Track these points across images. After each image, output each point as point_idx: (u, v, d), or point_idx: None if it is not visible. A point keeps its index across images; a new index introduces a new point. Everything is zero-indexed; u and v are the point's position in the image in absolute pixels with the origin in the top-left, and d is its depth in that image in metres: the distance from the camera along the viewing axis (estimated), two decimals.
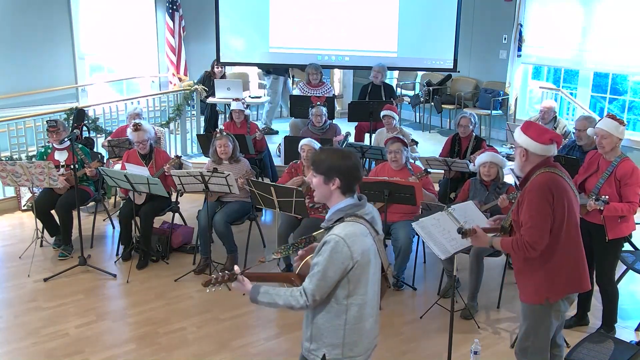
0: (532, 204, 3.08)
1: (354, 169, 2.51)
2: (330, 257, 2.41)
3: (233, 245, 5.50)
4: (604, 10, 8.13)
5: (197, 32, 10.33)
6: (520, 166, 3.21)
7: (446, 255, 3.74)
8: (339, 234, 2.43)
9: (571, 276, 3.19)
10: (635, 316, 4.80)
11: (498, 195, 4.90)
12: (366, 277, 2.51)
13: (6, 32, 8.78)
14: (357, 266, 2.45)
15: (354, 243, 2.43)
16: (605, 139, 4.11)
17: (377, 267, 2.62)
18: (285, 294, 2.51)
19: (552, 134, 3.15)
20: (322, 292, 2.46)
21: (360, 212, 2.52)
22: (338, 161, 2.49)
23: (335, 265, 2.42)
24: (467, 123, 6.31)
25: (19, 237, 6.28)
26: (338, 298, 2.49)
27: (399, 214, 5.16)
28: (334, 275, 2.43)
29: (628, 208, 4.09)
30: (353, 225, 2.47)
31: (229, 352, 4.30)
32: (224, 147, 5.59)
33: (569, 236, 3.14)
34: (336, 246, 2.41)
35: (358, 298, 2.50)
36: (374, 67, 8.09)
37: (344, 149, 2.58)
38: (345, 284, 2.47)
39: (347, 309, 2.50)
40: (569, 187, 3.15)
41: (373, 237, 2.55)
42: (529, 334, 3.30)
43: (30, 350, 4.30)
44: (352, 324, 2.52)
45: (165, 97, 8.36)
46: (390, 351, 4.34)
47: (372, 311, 2.60)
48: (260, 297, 2.54)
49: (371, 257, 2.51)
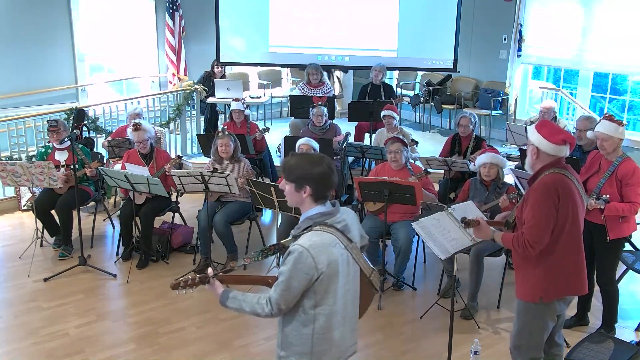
0: (536, 203, 3.09)
1: (326, 176, 2.43)
2: (293, 267, 2.36)
3: (233, 245, 5.50)
4: (604, 10, 8.13)
5: (197, 32, 10.32)
6: (531, 164, 3.21)
7: (446, 255, 3.74)
8: (304, 244, 2.37)
9: (569, 279, 3.19)
10: (635, 316, 4.80)
11: (498, 195, 4.90)
12: (334, 287, 2.44)
13: (6, 32, 8.77)
14: (323, 277, 2.39)
15: (318, 254, 2.37)
16: (606, 141, 4.11)
17: (352, 277, 2.55)
18: (252, 301, 2.49)
19: (565, 135, 3.14)
20: (286, 301, 2.42)
21: (331, 221, 2.45)
22: (309, 168, 2.43)
23: (299, 276, 2.36)
24: (467, 123, 6.31)
25: (19, 237, 6.28)
26: (305, 308, 2.44)
27: (399, 214, 5.16)
28: (298, 286, 2.38)
29: (629, 208, 4.09)
30: (320, 235, 2.41)
31: (229, 352, 4.30)
32: (225, 146, 5.59)
33: (570, 239, 3.14)
34: (300, 257, 2.35)
35: (326, 308, 2.45)
36: (374, 67, 8.09)
37: (315, 155, 2.51)
38: (311, 294, 2.42)
39: (315, 319, 2.45)
40: (576, 190, 3.15)
41: (345, 246, 2.47)
42: (522, 331, 3.32)
43: (30, 350, 4.30)
44: (320, 333, 2.47)
45: (165, 97, 8.37)
46: (390, 351, 4.34)
47: (342, 320, 2.53)
48: (229, 302, 2.54)
49: (340, 267, 2.44)
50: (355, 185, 5.19)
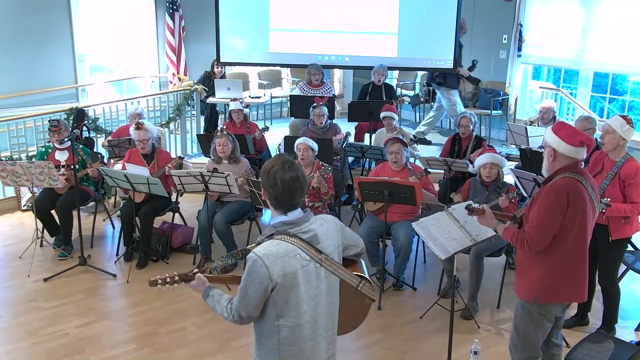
0: (544, 205, 3.07)
1: (287, 185, 2.32)
2: (249, 275, 2.31)
3: (233, 245, 5.50)
4: (604, 11, 8.13)
5: (197, 32, 10.32)
6: (548, 167, 3.17)
7: (446, 255, 3.75)
8: (258, 252, 2.29)
9: (567, 284, 3.17)
10: (635, 316, 4.80)
11: (498, 195, 4.90)
12: (295, 300, 2.33)
13: (6, 32, 8.77)
14: (280, 287, 2.30)
15: (273, 264, 2.27)
16: (608, 134, 4.09)
17: (324, 289, 2.42)
18: (223, 304, 2.47)
19: (583, 137, 3.09)
20: (246, 309, 2.36)
21: (294, 231, 2.34)
22: (271, 177, 2.34)
23: (254, 284, 2.30)
24: (467, 123, 6.32)
25: (19, 237, 6.28)
26: (268, 318, 2.38)
27: (399, 214, 5.16)
28: (254, 294, 2.31)
29: (631, 209, 4.07)
30: (278, 244, 2.31)
31: (229, 352, 4.30)
32: (223, 146, 5.60)
33: (575, 246, 3.12)
34: (253, 265, 2.29)
35: (290, 320, 2.35)
36: (376, 69, 8.07)
37: (289, 162, 2.37)
38: (271, 305, 2.34)
39: (279, 330, 2.37)
40: (588, 197, 3.10)
41: (312, 257, 2.34)
42: (518, 329, 3.32)
43: (30, 350, 4.30)
44: (286, 345, 2.38)
45: (165, 97, 8.37)
46: (390, 351, 4.34)
47: (312, 334, 2.41)
48: (208, 299, 2.55)
49: (300, 279, 2.32)
50: (355, 185, 5.19)
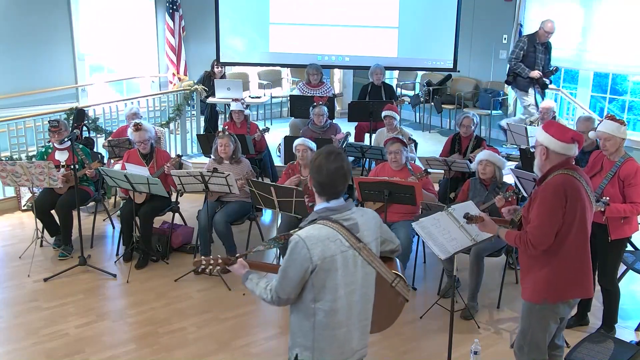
0: (543, 204, 3.07)
1: (332, 173, 2.43)
2: (290, 256, 2.40)
3: (233, 245, 5.50)
4: (604, 10, 8.13)
5: (197, 32, 10.32)
6: (540, 165, 3.18)
7: (446, 255, 3.75)
8: (301, 234, 2.39)
9: (573, 281, 3.17)
10: (635, 316, 4.80)
11: (497, 194, 4.89)
12: (333, 283, 2.42)
13: (6, 32, 8.77)
14: (319, 270, 2.38)
15: (314, 246, 2.37)
16: (608, 141, 4.10)
17: (360, 278, 2.50)
18: (262, 286, 2.57)
19: (574, 133, 3.11)
20: (285, 291, 2.44)
21: (336, 217, 2.44)
22: (318, 165, 2.45)
23: (295, 266, 2.39)
24: (469, 123, 6.32)
25: (19, 237, 6.28)
26: (306, 300, 2.45)
27: (399, 214, 5.16)
28: (294, 276, 2.40)
29: (631, 209, 4.07)
30: (320, 228, 2.41)
31: (229, 352, 4.30)
32: (224, 146, 5.61)
33: (576, 241, 3.12)
34: (295, 246, 2.38)
35: (325, 304, 2.43)
36: (373, 70, 8.06)
37: (334, 153, 2.49)
38: (310, 287, 2.42)
39: (315, 313, 2.45)
40: (584, 192, 3.11)
41: (351, 244, 2.44)
42: (525, 332, 3.32)
43: (30, 350, 4.30)
44: (320, 329, 2.46)
45: (165, 97, 8.37)
46: (390, 351, 4.34)
47: (346, 321, 2.49)
48: (247, 282, 2.65)
49: (338, 264, 2.41)
50: (355, 185, 5.19)
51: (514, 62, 7.91)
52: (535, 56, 7.85)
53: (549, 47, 7.95)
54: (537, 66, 7.84)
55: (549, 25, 7.73)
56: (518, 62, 7.86)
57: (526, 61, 7.85)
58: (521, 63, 7.84)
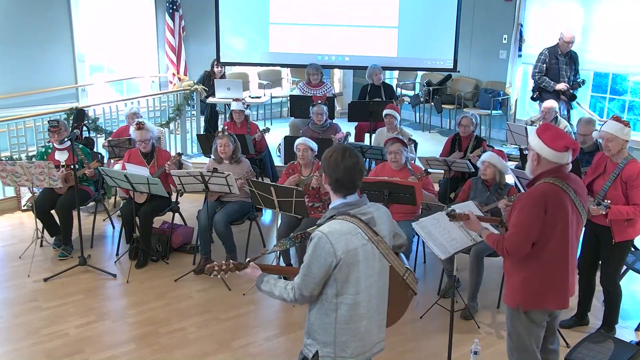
0: (522, 212, 3.03)
1: (347, 169, 2.48)
2: (313, 252, 2.43)
3: (232, 245, 5.50)
4: (604, 11, 8.13)
5: (197, 32, 10.33)
6: (532, 170, 3.11)
7: (446, 255, 3.75)
8: (323, 230, 2.44)
9: (549, 292, 3.10)
10: (635, 316, 4.80)
11: (499, 196, 4.88)
12: (356, 276, 2.47)
13: (6, 32, 8.77)
14: (342, 264, 2.43)
15: (337, 241, 2.42)
16: (611, 142, 4.06)
17: (378, 270, 2.56)
18: (281, 286, 2.57)
19: (567, 141, 3.00)
20: (309, 287, 2.47)
21: (354, 211, 2.50)
22: (334, 161, 2.49)
23: (319, 261, 2.42)
24: (468, 123, 6.32)
25: (19, 237, 6.28)
26: (327, 296, 2.50)
27: (399, 214, 5.15)
28: (318, 272, 2.43)
29: (633, 211, 4.03)
30: (341, 223, 2.46)
31: (229, 352, 4.30)
32: (224, 146, 5.61)
33: (555, 253, 3.04)
34: (319, 242, 2.42)
35: (348, 297, 2.48)
36: (372, 71, 8.05)
37: (348, 149, 2.55)
38: (332, 282, 2.46)
39: (337, 308, 2.49)
40: (570, 203, 3.02)
41: (370, 238, 2.50)
42: (511, 335, 3.30)
43: (30, 350, 4.30)
44: (342, 323, 2.50)
45: (165, 97, 8.37)
46: (390, 351, 4.33)
47: (367, 313, 2.55)
48: (263, 285, 2.64)
49: (360, 257, 2.47)
50: None
51: (538, 75, 7.56)
52: (558, 67, 7.50)
53: (573, 57, 7.57)
54: (562, 78, 7.48)
55: (567, 35, 7.40)
56: (542, 76, 7.52)
57: (550, 74, 7.53)
58: (545, 77, 7.51)
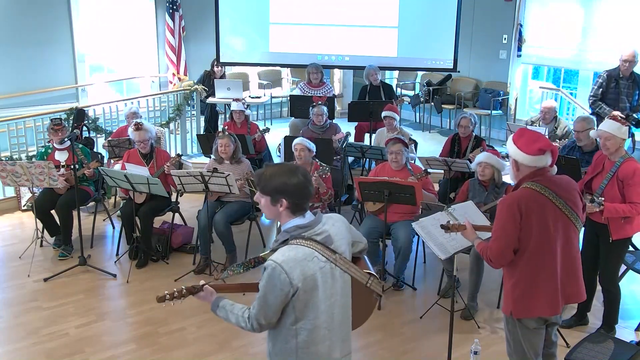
0: (497, 220, 3.04)
1: (302, 187, 2.35)
2: (268, 283, 2.31)
3: (232, 245, 5.51)
4: (604, 11, 8.14)
5: (197, 32, 10.33)
6: (514, 177, 3.12)
7: (446, 255, 3.75)
8: (277, 259, 2.30)
9: (536, 298, 3.06)
10: (635, 316, 4.80)
11: (497, 195, 4.89)
12: (314, 301, 2.35)
13: (6, 32, 8.77)
14: (300, 292, 2.31)
15: (292, 269, 2.28)
16: (608, 140, 4.07)
17: (340, 288, 2.45)
18: (238, 313, 2.46)
19: (542, 144, 2.98)
20: (265, 317, 2.36)
21: (308, 234, 2.36)
22: (284, 180, 2.34)
23: (274, 292, 2.30)
24: (467, 123, 6.32)
25: (19, 237, 6.28)
26: (285, 324, 2.38)
27: (399, 214, 5.16)
28: (274, 301, 2.32)
29: (630, 209, 4.03)
30: (295, 249, 2.32)
31: (229, 352, 4.31)
32: (224, 146, 5.61)
33: (537, 258, 3.01)
34: (273, 272, 2.29)
35: (307, 323, 2.37)
36: (367, 72, 8.04)
37: (290, 165, 2.42)
38: (290, 311, 2.35)
39: (297, 334, 2.38)
40: (550, 206, 2.98)
41: (327, 258, 2.37)
42: (508, 341, 3.30)
43: (30, 350, 4.30)
44: (303, 348, 2.39)
45: (165, 97, 8.37)
46: (390, 351, 4.34)
47: (328, 333, 2.43)
48: (218, 310, 2.52)
49: (319, 281, 2.35)
50: (355, 185, 5.19)
51: (592, 100, 6.88)
52: (618, 92, 6.81)
53: (637, 80, 6.86)
54: (623, 102, 6.80)
55: (624, 54, 6.75)
56: (597, 101, 6.82)
57: (607, 98, 6.82)
58: (601, 102, 6.80)
